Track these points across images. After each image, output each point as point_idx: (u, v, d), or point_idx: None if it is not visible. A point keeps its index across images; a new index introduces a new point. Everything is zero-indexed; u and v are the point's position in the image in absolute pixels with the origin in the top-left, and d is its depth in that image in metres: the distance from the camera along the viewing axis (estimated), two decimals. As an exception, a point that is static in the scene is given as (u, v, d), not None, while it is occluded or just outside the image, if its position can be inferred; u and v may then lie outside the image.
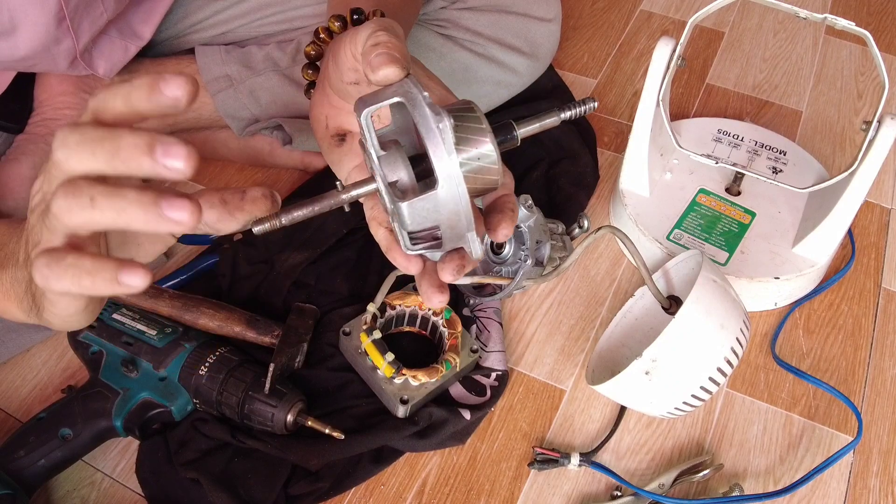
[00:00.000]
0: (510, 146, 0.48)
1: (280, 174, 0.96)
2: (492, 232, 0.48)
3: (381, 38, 0.46)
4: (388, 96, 0.43)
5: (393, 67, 0.44)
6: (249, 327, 0.75)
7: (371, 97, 0.44)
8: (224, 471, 0.68)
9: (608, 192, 0.96)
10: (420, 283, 0.48)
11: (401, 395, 0.71)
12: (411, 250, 0.46)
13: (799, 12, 0.73)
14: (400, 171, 0.44)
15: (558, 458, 0.71)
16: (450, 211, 0.43)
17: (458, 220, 0.43)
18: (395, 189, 0.44)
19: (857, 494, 0.72)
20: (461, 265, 0.46)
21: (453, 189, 0.42)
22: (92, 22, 0.72)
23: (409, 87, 0.43)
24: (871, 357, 0.82)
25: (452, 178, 0.42)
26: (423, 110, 0.42)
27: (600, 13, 1.24)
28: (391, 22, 0.49)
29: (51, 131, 0.80)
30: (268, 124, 0.87)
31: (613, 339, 0.79)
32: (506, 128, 0.47)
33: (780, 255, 0.84)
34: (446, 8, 0.93)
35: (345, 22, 0.57)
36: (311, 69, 0.59)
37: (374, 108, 0.43)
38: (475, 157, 0.44)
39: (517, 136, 0.47)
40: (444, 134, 0.41)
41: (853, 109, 1.11)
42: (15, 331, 0.75)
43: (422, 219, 0.43)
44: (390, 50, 0.45)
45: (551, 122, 0.49)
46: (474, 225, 0.44)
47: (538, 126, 0.48)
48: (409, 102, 0.42)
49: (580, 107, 0.49)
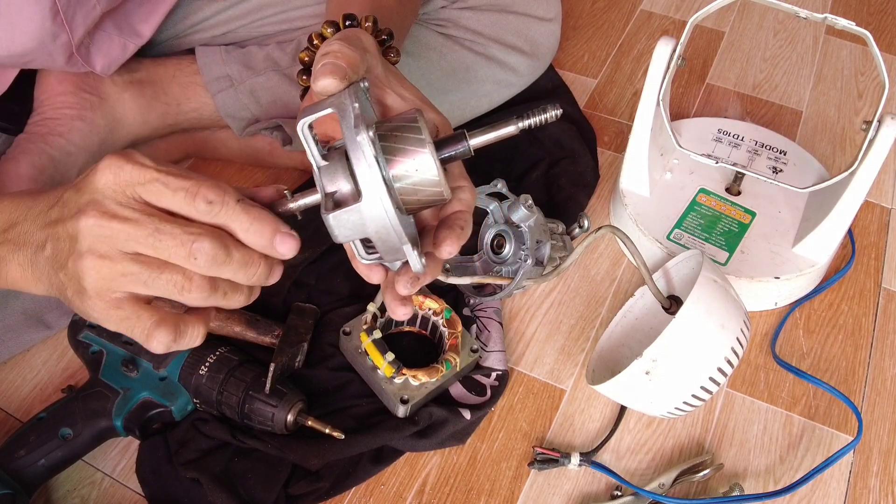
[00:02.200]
0: (461, 157, 0.46)
1: (280, 174, 0.96)
2: (436, 247, 0.47)
3: (332, 47, 0.47)
4: (325, 107, 0.43)
5: (330, 78, 0.45)
6: (249, 327, 0.75)
7: (311, 108, 0.44)
8: (224, 470, 0.68)
9: (608, 192, 0.96)
10: (384, 295, 0.48)
11: (401, 394, 0.71)
12: (365, 259, 0.46)
13: (799, 12, 0.73)
14: (340, 181, 0.43)
15: (558, 457, 0.71)
16: (378, 225, 0.42)
17: (387, 233, 0.43)
18: (330, 200, 0.43)
19: (857, 494, 0.72)
20: (415, 278, 0.46)
21: (376, 201, 0.42)
22: (85, 15, 0.72)
23: (343, 99, 0.43)
24: (871, 357, 0.82)
25: (375, 190, 0.41)
26: (348, 122, 0.42)
27: (600, 13, 1.24)
28: (356, 31, 0.50)
29: (50, 131, 0.80)
30: (268, 125, 0.88)
31: (613, 339, 0.79)
32: (456, 138, 0.46)
33: (781, 254, 0.84)
34: (446, 7, 0.93)
35: (337, 27, 0.57)
36: (306, 74, 0.60)
37: (310, 119, 0.43)
38: (412, 169, 0.43)
39: (469, 147, 0.45)
40: (363, 146, 0.41)
41: (853, 109, 1.11)
42: (15, 330, 0.75)
43: (349, 231, 0.43)
44: (337, 59, 0.46)
45: (508, 131, 0.46)
46: (407, 239, 0.43)
47: (493, 136, 0.46)
48: (340, 114, 0.42)
49: (540, 115, 0.46)
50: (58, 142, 0.80)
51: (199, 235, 0.42)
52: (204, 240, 0.42)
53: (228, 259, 0.42)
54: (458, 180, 0.51)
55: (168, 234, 0.42)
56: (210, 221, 0.43)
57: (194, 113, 0.89)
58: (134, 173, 0.42)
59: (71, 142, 0.81)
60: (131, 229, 0.42)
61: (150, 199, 0.42)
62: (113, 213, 0.42)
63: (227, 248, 0.42)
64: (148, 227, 0.42)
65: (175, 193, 0.42)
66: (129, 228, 0.42)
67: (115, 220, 0.42)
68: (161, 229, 0.42)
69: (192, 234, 0.42)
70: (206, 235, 0.42)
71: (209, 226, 0.43)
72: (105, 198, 0.42)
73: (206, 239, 0.42)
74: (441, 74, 0.92)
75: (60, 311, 0.77)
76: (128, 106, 0.85)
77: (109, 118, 0.84)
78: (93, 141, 0.83)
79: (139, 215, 0.42)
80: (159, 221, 0.42)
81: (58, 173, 0.80)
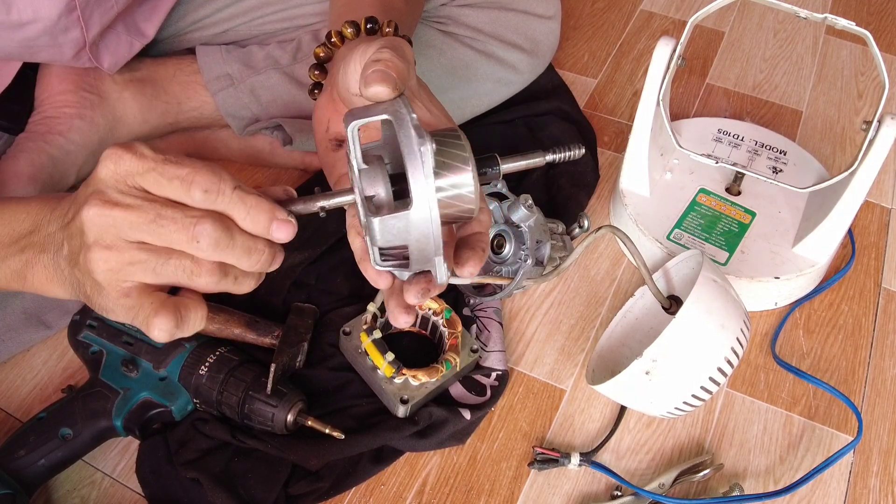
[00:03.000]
0: (491, 178, 0.49)
1: (280, 174, 0.96)
2: (459, 267, 0.48)
3: (384, 55, 0.47)
4: (378, 112, 0.44)
5: (384, 86, 0.45)
6: (249, 329, 0.75)
7: (361, 111, 0.44)
8: (224, 470, 0.68)
9: (608, 192, 0.96)
10: (388, 301, 0.49)
11: (401, 394, 0.71)
12: (380, 266, 0.46)
13: (799, 12, 0.73)
14: (378, 186, 0.44)
15: (558, 457, 0.71)
16: (420, 233, 0.43)
17: (426, 242, 0.43)
18: (371, 203, 0.44)
19: (857, 494, 0.72)
20: (426, 289, 0.47)
21: (426, 212, 0.42)
22: (102, 14, 0.73)
23: (398, 107, 0.44)
24: (871, 357, 0.82)
25: (427, 200, 0.42)
26: (408, 131, 0.42)
27: (600, 13, 1.24)
28: (401, 42, 0.50)
29: (50, 129, 0.80)
30: (268, 124, 0.87)
31: (613, 339, 0.79)
32: (489, 161, 0.48)
33: (781, 254, 0.84)
34: (446, 5, 0.93)
35: (358, 29, 0.57)
36: (319, 70, 0.59)
37: (362, 122, 0.43)
38: (454, 184, 0.44)
39: (500, 171, 0.48)
40: (424, 157, 0.42)
41: (853, 109, 1.11)
42: (15, 330, 0.75)
43: (392, 237, 0.43)
44: (388, 68, 0.46)
45: (536, 161, 0.50)
46: (442, 250, 0.44)
47: (523, 164, 0.50)
48: (397, 121, 0.43)
49: (568, 151, 0.51)
50: (57, 140, 0.80)
51: (200, 218, 0.42)
52: (205, 222, 0.42)
53: (232, 242, 0.43)
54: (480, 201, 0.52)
55: (169, 219, 0.42)
56: (208, 209, 0.43)
57: (194, 112, 0.89)
58: (133, 163, 0.42)
59: (71, 140, 0.81)
60: (133, 217, 0.42)
61: (150, 188, 0.43)
62: (115, 202, 0.42)
63: (229, 231, 0.43)
64: (149, 214, 0.42)
65: (171, 182, 0.42)
66: (131, 216, 0.42)
67: (116, 207, 0.42)
68: (162, 214, 0.42)
69: (194, 216, 0.42)
70: (208, 217, 0.42)
71: (210, 211, 0.43)
72: (107, 187, 0.43)
73: (207, 221, 0.42)
74: (441, 72, 0.92)
75: (60, 311, 0.77)
76: (128, 105, 0.85)
77: (109, 117, 0.84)
78: (93, 140, 0.83)
79: (140, 202, 0.42)
80: (161, 207, 0.42)
81: (57, 172, 0.80)
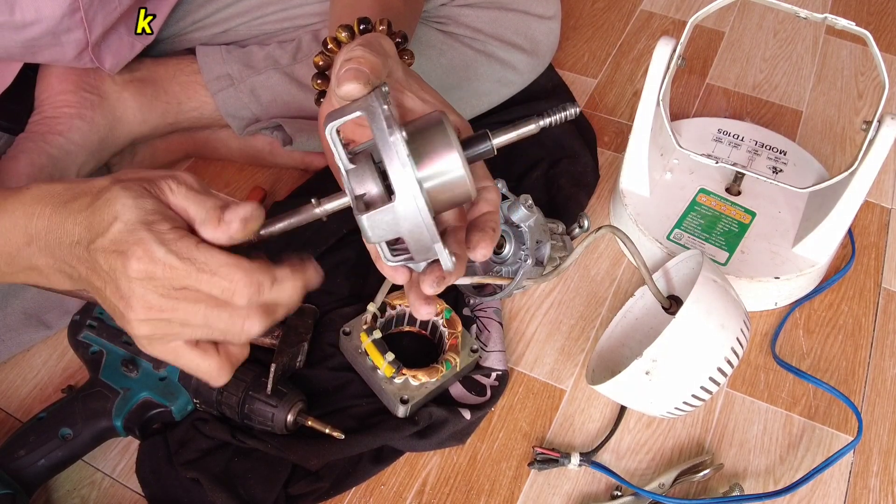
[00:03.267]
0: (485, 156, 0.47)
1: (280, 174, 0.96)
2: (471, 251, 0.48)
3: (355, 52, 0.47)
4: (353, 110, 0.44)
5: (354, 83, 0.45)
6: (249, 327, 0.75)
7: (338, 112, 0.44)
8: (224, 471, 0.68)
9: (608, 192, 0.96)
10: (408, 294, 0.49)
11: (401, 394, 0.71)
12: (391, 262, 0.46)
13: (799, 12, 0.73)
14: (368, 184, 0.44)
15: (558, 457, 0.71)
16: (411, 223, 0.43)
17: (420, 232, 0.43)
18: (361, 202, 0.44)
19: (857, 494, 0.72)
20: (441, 277, 0.47)
21: (410, 201, 0.42)
22: (106, 15, 0.73)
23: (371, 102, 0.43)
24: (871, 357, 0.82)
25: (408, 189, 0.42)
26: (379, 123, 0.42)
27: (600, 13, 1.24)
28: (376, 36, 0.50)
29: (50, 129, 0.80)
30: (268, 124, 0.87)
31: (613, 339, 0.79)
32: (480, 138, 0.47)
33: (781, 254, 0.84)
34: (446, 5, 0.93)
35: (352, 31, 0.57)
36: (321, 79, 0.59)
37: (339, 123, 0.43)
38: (440, 170, 0.44)
39: (492, 146, 0.47)
40: (396, 146, 0.42)
41: (853, 109, 1.11)
42: (15, 330, 0.75)
43: (383, 231, 0.43)
44: (360, 65, 0.46)
45: (529, 129, 0.47)
46: (439, 237, 0.44)
47: (515, 135, 0.47)
48: (369, 116, 0.43)
49: (559, 113, 0.47)
50: (57, 140, 0.80)
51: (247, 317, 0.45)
52: (254, 318, 0.45)
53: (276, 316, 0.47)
54: (482, 180, 0.51)
55: (216, 319, 0.45)
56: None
57: (194, 112, 0.89)
58: (167, 274, 0.43)
59: (71, 140, 0.81)
60: (183, 316, 0.44)
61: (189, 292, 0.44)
62: (160, 308, 0.44)
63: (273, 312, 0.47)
64: (198, 317, 0.44)
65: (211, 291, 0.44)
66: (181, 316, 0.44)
67: (164, 312, 0.44)
68: (210, 316, 0.44)
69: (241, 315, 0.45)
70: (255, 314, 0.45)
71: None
72: (147, 291, 0.44)
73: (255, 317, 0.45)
74: (441, 72, 0.92)
75: (60, 311, 0.77)
76: (128, 105, 0.85)
77: (109, 117, 0.84)
78: (93, 140, 0.83)
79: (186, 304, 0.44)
80: (206, 309, 0.44)
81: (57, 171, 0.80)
